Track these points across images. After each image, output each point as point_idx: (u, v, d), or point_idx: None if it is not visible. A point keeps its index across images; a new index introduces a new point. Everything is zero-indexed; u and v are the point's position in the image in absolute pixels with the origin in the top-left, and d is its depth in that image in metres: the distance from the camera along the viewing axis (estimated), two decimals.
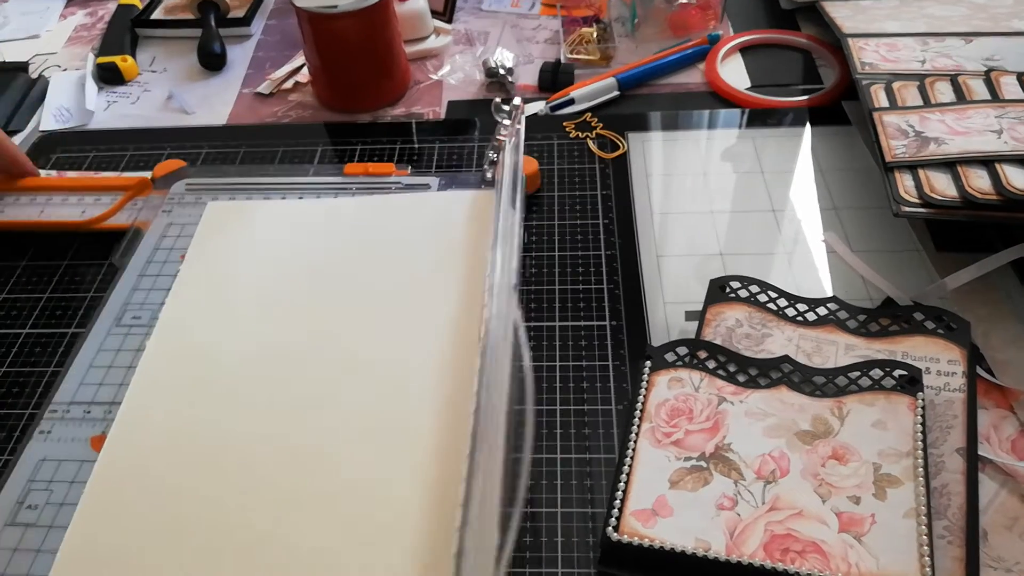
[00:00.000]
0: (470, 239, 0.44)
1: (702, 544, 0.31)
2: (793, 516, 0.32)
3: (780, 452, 0.34)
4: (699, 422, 0.35)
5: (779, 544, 0.31)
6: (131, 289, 0.45)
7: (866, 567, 0.30)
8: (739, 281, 0.41)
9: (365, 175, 0.49)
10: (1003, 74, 0.47)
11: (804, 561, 0.30)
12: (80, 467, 0.36)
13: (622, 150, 0.53)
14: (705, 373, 0.37)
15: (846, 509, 0.32)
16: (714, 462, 0.34)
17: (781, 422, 0.35)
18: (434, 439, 0.35)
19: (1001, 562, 0.31)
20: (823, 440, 0.34)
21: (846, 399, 0.35)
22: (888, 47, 0.54)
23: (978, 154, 0.41)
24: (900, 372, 0.36)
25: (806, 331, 0.39)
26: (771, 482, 0.33)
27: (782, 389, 0.36)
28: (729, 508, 0.32)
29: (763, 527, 0.31)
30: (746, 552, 0.31)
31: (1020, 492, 0.34)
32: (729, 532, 0.31)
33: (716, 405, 0.36)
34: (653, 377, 0.37)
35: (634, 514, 0.32)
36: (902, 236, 0.45)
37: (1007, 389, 0.37)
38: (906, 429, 0.34)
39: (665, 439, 0.35)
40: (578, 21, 0.64)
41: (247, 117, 0.59)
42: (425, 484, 0.34)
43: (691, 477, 0.33)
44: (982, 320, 0.40)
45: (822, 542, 0.31)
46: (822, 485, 0.33)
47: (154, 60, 0.66)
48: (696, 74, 0.60)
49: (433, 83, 0.61)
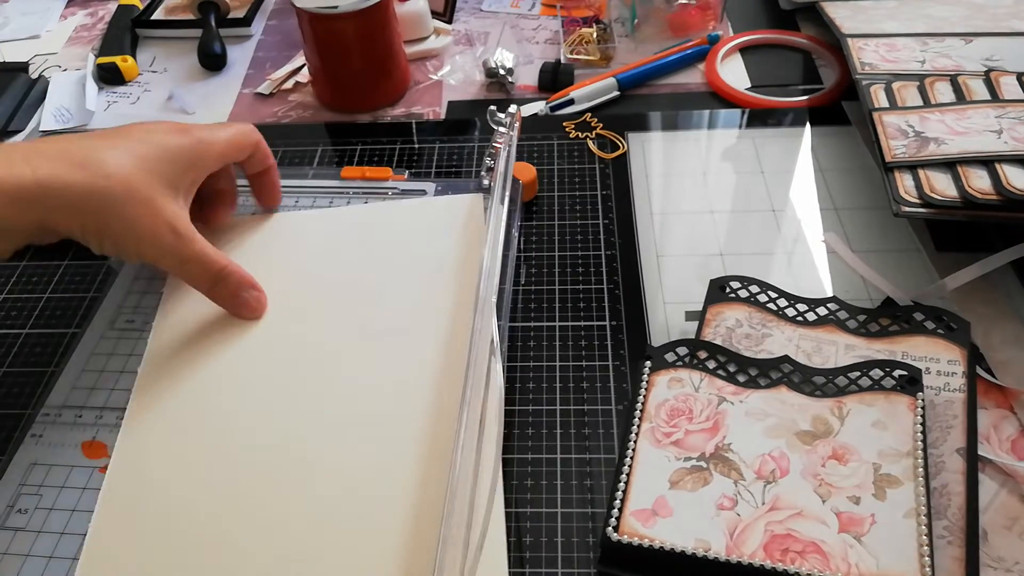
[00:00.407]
0: (466, 245, 0.44)
1: (702, 544, 0.31)
2: (793, 516, 0.32)
3: (780, 452, 0.34)
4: (699, 422, 0.35)
5: (779, 544, 0.31)
6: (125, 292, 0.45)
7: (866, 567, 0.30)
8: (739, 281, 0.41)
9: (362, 179, 0.49)
10: (1003, 74, 0.47)
11: (804, 561, 0.30)
12: (70, 472, 0.36)
13: (622, 150, 0.53)
14: (705, 373, 0.37)
15: (846, 509, 0.32)
16: (714, 462, 0.34)
17: (781, 422, 0.35)
18: (424, 446, 0.35)
19: (1001, 562, 0.31)
20: (823, 440, 0.34)
21: (846, 399, 0.35)
22: (888, 47, 0.54)
23: (978, 154, 0.41)
24: (900, 372, 0.36)
25: (806, 331, 0.39)
26: (771, 482, 0.33)
27: (782, 389, 0.36)
28: (729, 508, 0.32)
29: (763, 527, 0.31)
30: (746, 552, 0.31)
31: (1020, 492, 0.34)
32: (729, 532, 0.31)
33: (716, 405, 0.36)
34: (653, 377, 0.37)
35: (634, 514, 0.32)
36: (902, 236, 0.45)
37: (1007, 389, 0.37)
38: (906, 429, 0.34)
39: (665, 439, 0.35)
40: (578, 21, 0.64)
41: (247, 117, 0.59)
42: (415, 490, 0.34)
43: (691, 477, 0.33)
44: (982, 320, 0.40)
45: (822, 542, 0.31)
46: (822, 485, 0.32)
47: (154, 60, 0.66)
48: (696, 74, 0.60)
49: (433, 83, 0.61)
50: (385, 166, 0.51)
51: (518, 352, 0.41)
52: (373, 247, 0.45)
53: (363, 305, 0.42)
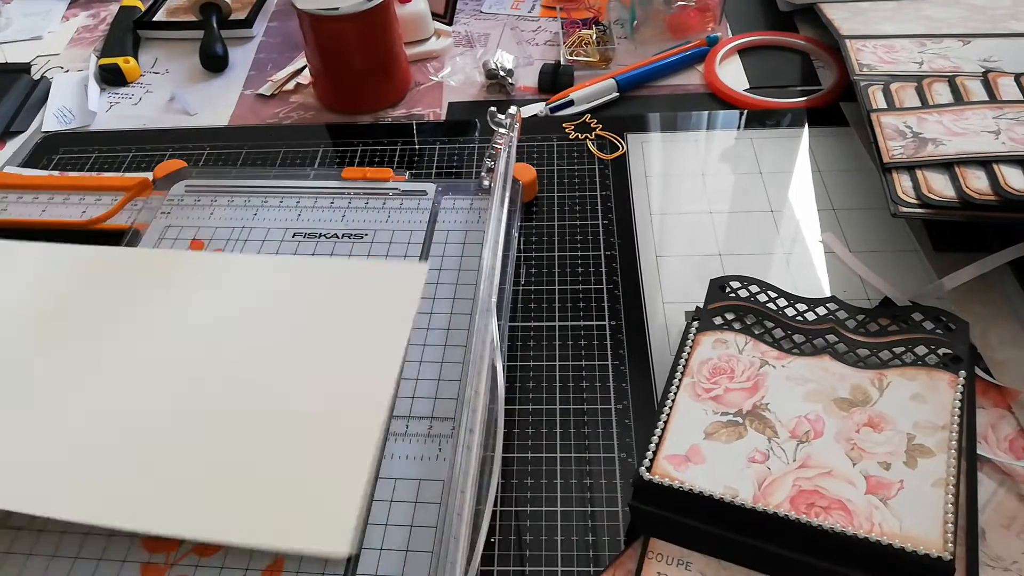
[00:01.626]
0: (390, 313, 0.41)
1: (730, 491, 0.31)
2: (822, 475, 0.32)
3: (816, 416, 0.34)
4: (739, 381, 0.36)
5: (805, 499, 0.31)
6: None
7: (889, 528, 0.30)
8: (739, 281, 0.42)
9: (363, 179, 0.49)
10: (1000, 75, 0.48)
11: (828, 516, 0.30)
12: None
13: (621, 151, 0.53)
14: (750, 337, 0.38)
15: (875, 473, 0.32)
16: (750, 419, 0.34)
17: (820, 388, 0.35)
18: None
19: (999, 561, 0.32)
20: (860, 408, 0.34)
21: (888, 372, 0.36)
22: (886, 48, 0.54)
23: (976, 155, 0.41)
24: (945, 351, 0.36)
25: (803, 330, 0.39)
26: (804, 442, 0.33)
27: (825, 358, 0.36)
28: (760, 462, 0.32)
29: (791, 482, 0.32)
30: (772, 503, 0.31)
31: (1018, 491, 0.34)
32: (758, 483, 0.32)
33: (758, 367, 0.36)
34: (699, 336, 0.38)
35: (667, 458, 0.33)
36: (900, 236, 0.45)
37: (1005, 389, 0.37)
38: (944, 404, 0.34)
39: (705, 394, 0.35)
40: (577, 23, 0.64)
41: (249, 118, 0.59)
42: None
43: (726, 430, 0.34)
44: (980, 320, 0.40)
45: (848, 501, 0.31)
46: (854, 449, 0.33)
47: (156, 61, 0.66)
48: (695, 76, 0.60)
49: (433, 84, 0.61)
50: (386, 167, 0.51)
51: (518, 352, 0.41)
52: (302, 299, 0.42)
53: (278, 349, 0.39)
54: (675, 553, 0.32)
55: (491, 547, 0.33)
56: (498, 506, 0.34)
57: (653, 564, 0.32)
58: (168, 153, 0.55)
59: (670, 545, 0.32)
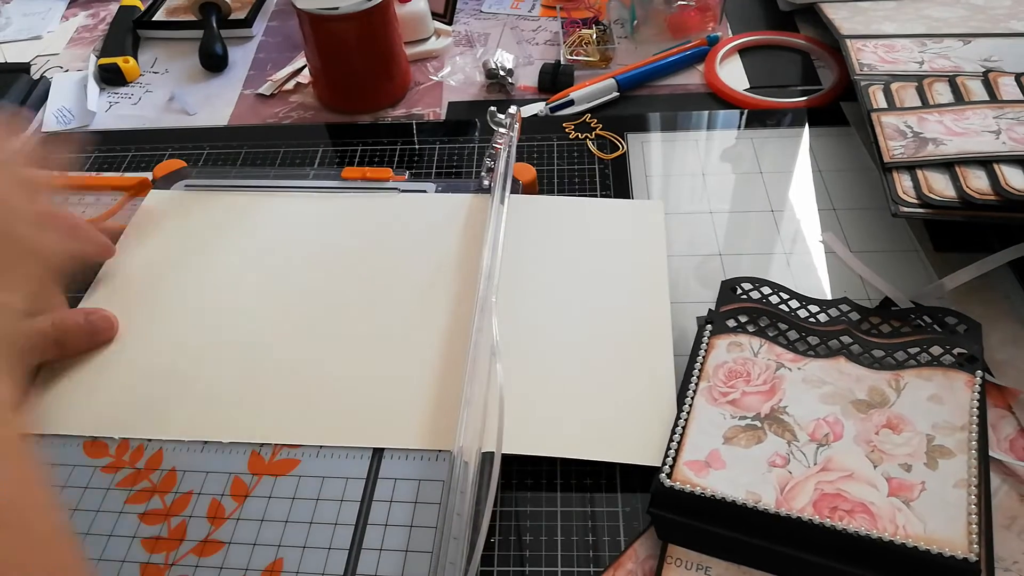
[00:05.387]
0: (467, 242, 0.45)
1: (752, 496, 0.31)
2: (844, 478, 0.32)
3: (835, 418, 0.34)
4: (756, 385, 0.36)
5: (828, 503, 0.31)
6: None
7: (913, 530, 0.30)
8: (751, 283, 0.41)
9: (363, 179, 0.49)
10: (1001, 75, 0.48)
11: (852, 520, 0.30)
12: (72, 471, 0.36)
13: (621, 151, 0.53)
14: (765, 340, 0.38)
15: (897, 475, 0.32)
16: (769, 423, 0.34)
17: (837, 390, 0.35)
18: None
19: (1000, 561, 0.31)
20: (878, 409, 0.34)
21: (904, 372, 0.36)
22: (886, 48, 0.54)
23: (976, 155, 0.41)
24: (960, 350, 0.36)
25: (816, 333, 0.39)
26: (824, 445, 0.33)
27: (840, 360, 0.36)
28: (781, 466, 0.32)
29: (813, 486, 0.32)
30: (795, 507, 0.31)
31: (1019, 491, 0.34)
32: (780, 488, 0.32)
33: (774, 370, 0.36)
34: (713, 340, 0.38)
35: (687, 464, 0.33)
36: (900, 236, 0.45)
37: (1006, 389, 0.37)
38: (962, 405, 0.34)
39: (722, 398, 0.35)
40: (578, 23, 0.64)
41: (248, 118, 0.59)
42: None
43: (745, 435, 0.34)
44: (980, 320, 0.40)
45: (871, 504, 0.31)
46: (874, 451, 0.33)
47: (156, 61, 0.66)
48: (695, 75, 0.60)
49: (433, 84, 0.61)
50: (386, 167, 0.51)
51: None
52: (377, 238, 0.46)
53: (362, 293, 0.43)
54: (694, 558, 0.32)
55: (491, 547, 0.33)
56: (498, 506, 0.34)
57: (672, 569, 0.32)
58: (168, 153, 0.55)
59: (689, 551, 0.32)
